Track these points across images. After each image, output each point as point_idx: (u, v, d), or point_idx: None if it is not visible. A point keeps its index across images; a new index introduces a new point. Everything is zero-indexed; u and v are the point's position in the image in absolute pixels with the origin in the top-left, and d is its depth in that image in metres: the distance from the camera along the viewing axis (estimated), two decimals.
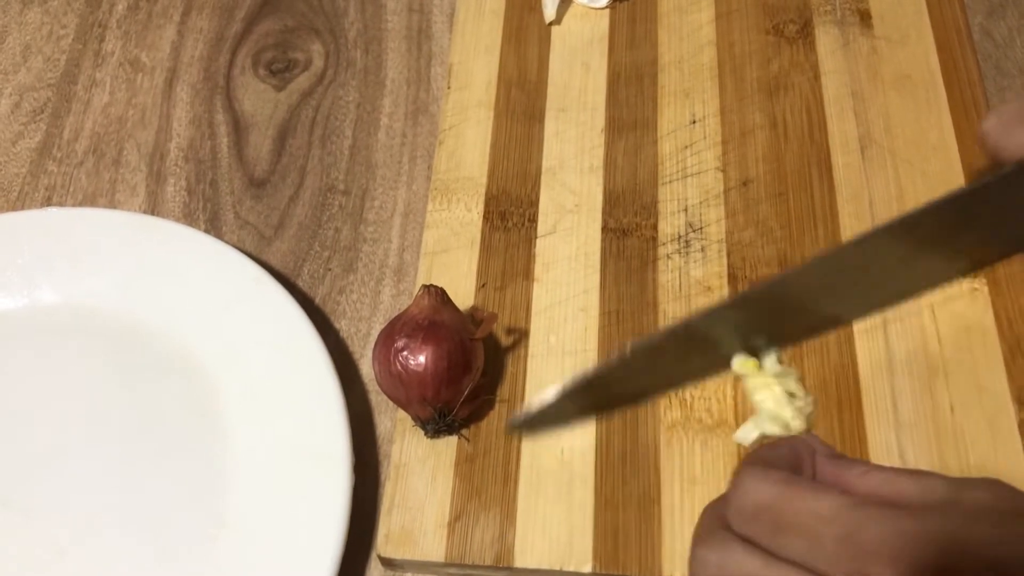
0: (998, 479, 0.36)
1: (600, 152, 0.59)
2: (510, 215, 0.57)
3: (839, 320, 0.47)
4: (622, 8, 0.65)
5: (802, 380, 0.40)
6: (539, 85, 0.62)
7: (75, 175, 0.62)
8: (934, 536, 0.34)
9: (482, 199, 0.58)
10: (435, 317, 0.48)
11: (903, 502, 0.35)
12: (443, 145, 0.60)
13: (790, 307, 0.44)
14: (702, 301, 0.54)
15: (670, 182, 0.58)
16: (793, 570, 0.36)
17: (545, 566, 0.47)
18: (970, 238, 0.47)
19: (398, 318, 0.49)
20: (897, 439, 0.49)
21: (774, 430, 0.41)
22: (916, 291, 0.48)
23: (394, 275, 0.58)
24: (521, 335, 0.53)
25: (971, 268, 0.48)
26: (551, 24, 0.64)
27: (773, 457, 0.41)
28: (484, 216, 0.57)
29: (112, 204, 0.61)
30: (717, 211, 0.57)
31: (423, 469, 0.49)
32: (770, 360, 0.41)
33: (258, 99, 0.65)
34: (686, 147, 0.59)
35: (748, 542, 0.38)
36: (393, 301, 0.57)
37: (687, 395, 0.51)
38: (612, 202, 0.57)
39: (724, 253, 0.55)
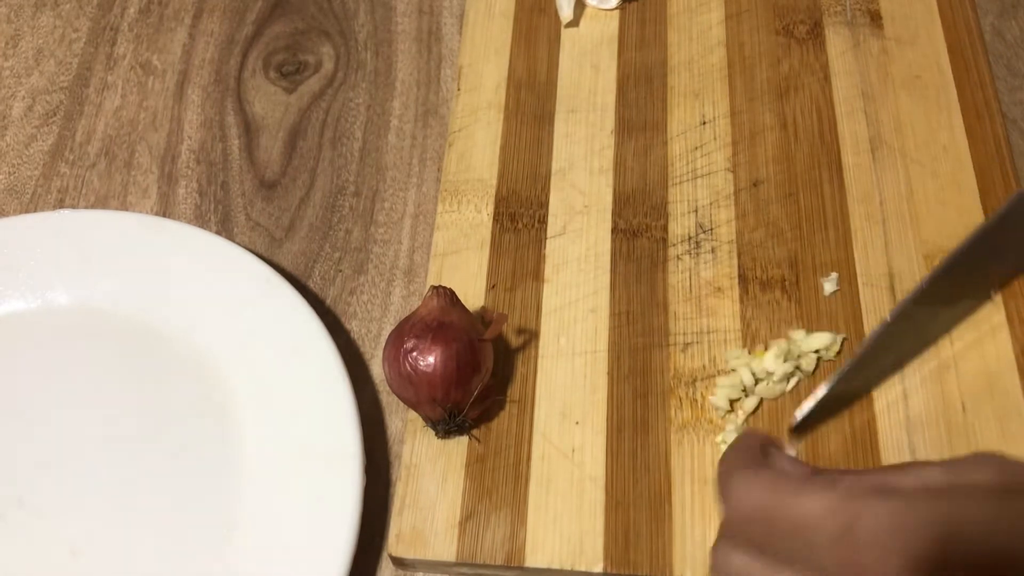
0: (998, 453, 0.35)
1: (610, 153, 0.59)
2: (520, 216, 0.57)
3: None
4: (632, 9, 0.65)
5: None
6: (548, 87, 0.62)
7: (87, 177, 0.62)
8: (930, 522, 0.32)
9: (492, 200, 0.58)
10: (444, 318, 0.48)
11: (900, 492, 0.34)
12: (453, 147, 0.60)
13: None
14: (712, 302, 0.54)
15: (680, 183, 0.58)
16: (793, 571, 0.35)
17: (556, 566, 0.47)
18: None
19: (408, 319, 0.49)
20: (908, 438, 0.49)
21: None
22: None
23: (404, 276, 0.58)
24: (531, 336, 0.53)
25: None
26: (568, 25, 0.64)
27: (744, 446, 0.39)
28: (494, 217, 0.57)
29: (124, 206, 0.61)
30: (727, 212, 0.57)
31: (434, 469, 0.49)
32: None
33: (269, 101, 0.65)
34: (696, 148, 0.59)
35: (748, 543, 0.38)
36: (403, 302, 0.57)
37: (697, 395, 0.51)
38: (622, 203, 0.57)
39: (734, 254, 0.55)
